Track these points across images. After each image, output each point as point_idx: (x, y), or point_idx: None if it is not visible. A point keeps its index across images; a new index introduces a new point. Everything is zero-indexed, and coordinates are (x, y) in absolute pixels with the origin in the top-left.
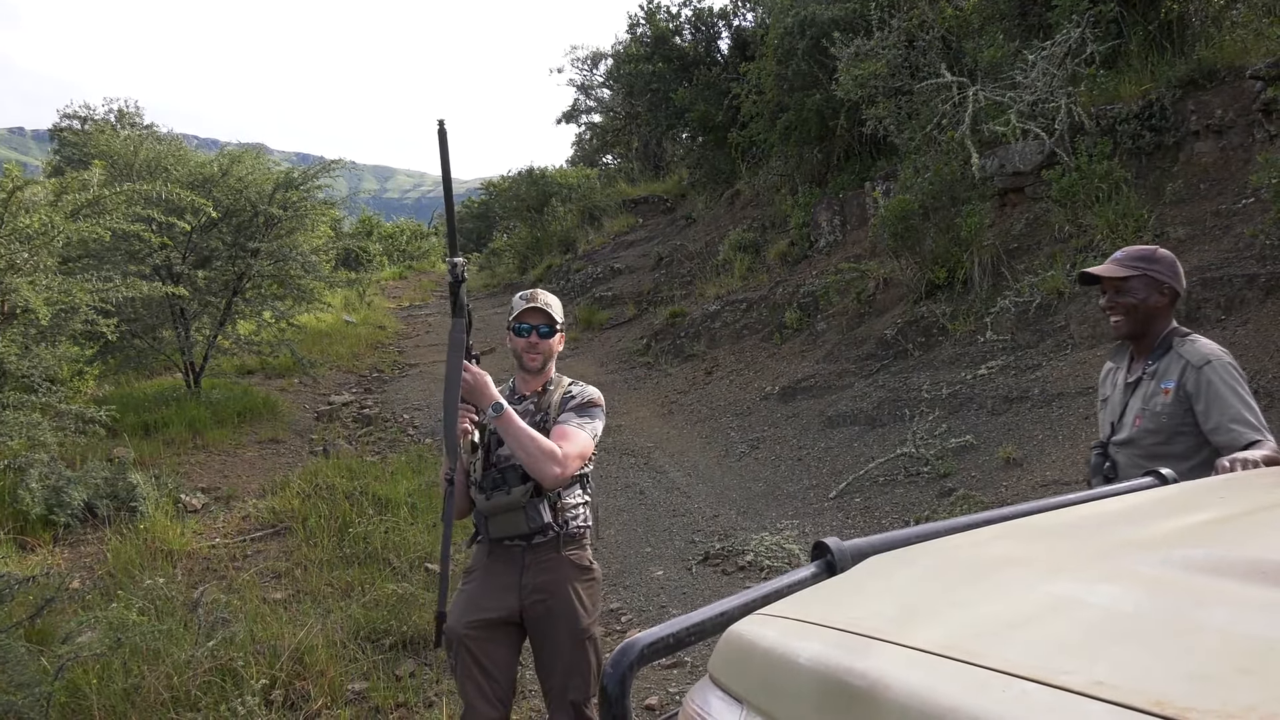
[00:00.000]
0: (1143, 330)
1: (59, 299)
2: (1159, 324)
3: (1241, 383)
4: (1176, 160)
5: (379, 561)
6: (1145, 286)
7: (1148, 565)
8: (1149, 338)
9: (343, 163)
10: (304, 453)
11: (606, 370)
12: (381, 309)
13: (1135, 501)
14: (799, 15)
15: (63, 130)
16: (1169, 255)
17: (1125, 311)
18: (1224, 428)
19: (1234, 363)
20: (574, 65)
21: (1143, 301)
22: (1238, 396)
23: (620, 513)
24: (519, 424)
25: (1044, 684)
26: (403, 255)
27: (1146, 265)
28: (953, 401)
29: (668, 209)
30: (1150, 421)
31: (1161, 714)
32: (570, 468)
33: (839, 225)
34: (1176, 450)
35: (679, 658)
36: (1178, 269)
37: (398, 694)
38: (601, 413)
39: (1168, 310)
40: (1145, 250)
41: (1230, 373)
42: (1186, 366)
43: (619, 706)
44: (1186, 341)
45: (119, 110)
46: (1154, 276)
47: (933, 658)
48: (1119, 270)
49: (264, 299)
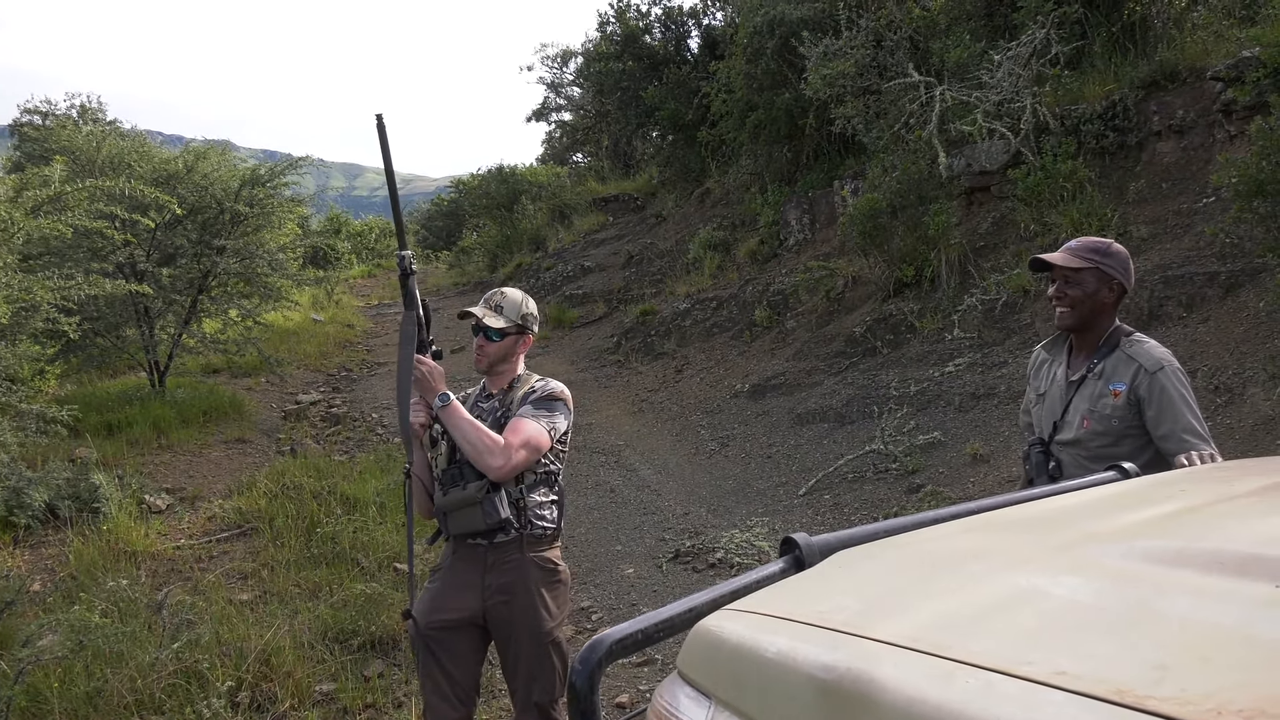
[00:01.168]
0: (1088, 324)
1: (19, 297)
2: (1104, 320)
3: (1190, 390)
4: (1139, 160)
5: (347, 561)
6: (1096, 279)
7: (1110, 557)
8: (1093, 333)
9: (310, 160)
10: (271, 452)
11: (577, 368)
12: (350, 307)
13: (1098, 495)
14: (768, 14)
15: (23, 125)
16: (1122, 250)
17: (1073, 303)
18: (1175, 436)
19: (1181, 368)
20: (544, 63)
21: (1092, 295)
22: (1188, 406)
23: (590, 511)
24: (462, 415)
25: (1008, 674)
26: (371, 253)
27: (1100, 258)
28: (921, 399)
29: (638, 207)
30: (1099, 424)
31: (1122, 702)
32: (514, 459)
33: (808, 224)
34: (1122, 452)
35: (649, 655)
36: (1129, 266)
37: (366, 695)
38: (564, 407)
39: (1114, 306)
40: (1099, 243)
41: (1182, 380)
42: (1140, 370)
43: (587, 703)
44: (1134, 343)
45: (81, 105)
46: (1105, 270)
47: (899, 650)
48: (1071, 260)
49: (230, 297)
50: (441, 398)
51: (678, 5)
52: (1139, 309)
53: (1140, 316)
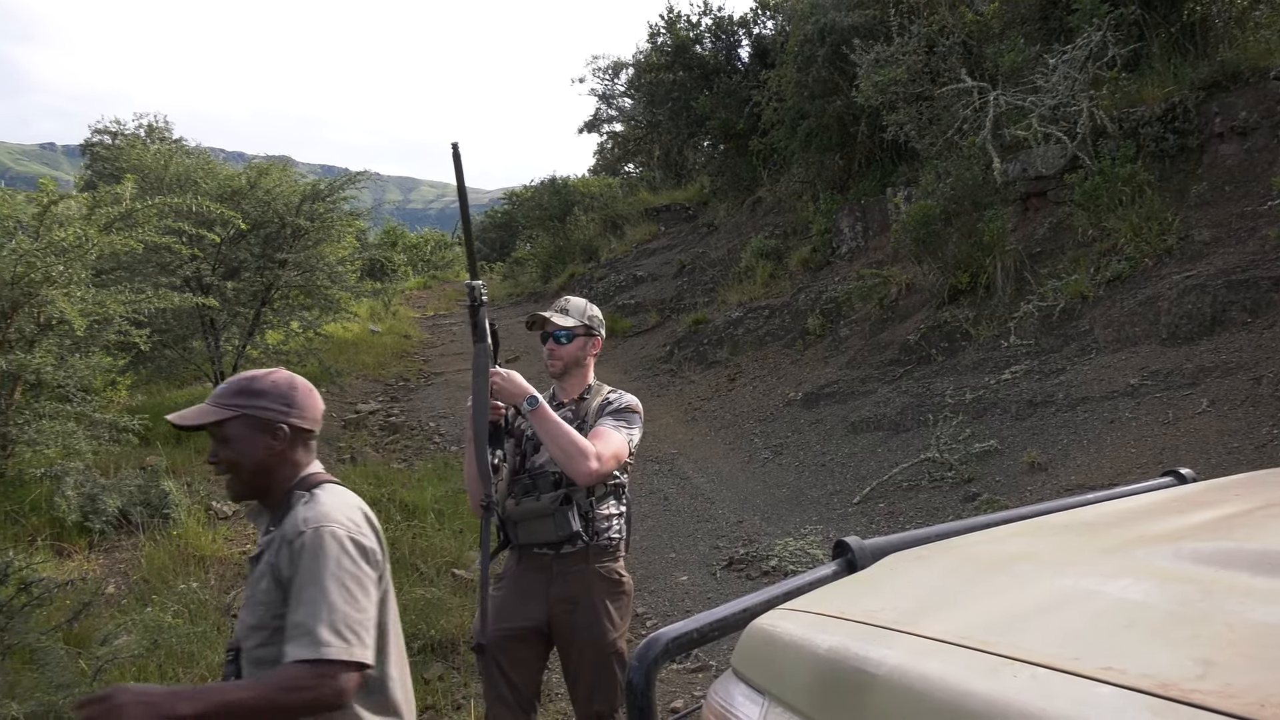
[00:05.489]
0: (260, 488)
1: (93, 310)
2: (282, 474)
3: (354, 562)
4: (1200, 163)
5: (406, 567)
6: (249, 430)
7: (1159, 558)
8: (273, 495)
9: (367, 174)
10: (332, 460)
11: (630, 378)
12: (406, 318)
13: (1150, 500)
14: (819, 22)
15: (94, 145)
16: (285, 380)
17: (229, 467)
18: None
19: (351, 530)
20: (595, 75)
21: (245, 453)
22: (336, 588)
23: (645, 519)
24: (554, 418)
25: (1055, 669)
26: (427, 265)
27: (246, 402)
28: (976, 406)
29: (689, 217)
30: (250, 614)
31: (1167, 695)
32: (605, 467)
33: (861, 231)
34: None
35: (703, 661)
36: (296, 395)
37: (426, 697)
38: (639, 420)
39: (289, 455)
40: (245, 379)
41: (343, 547)
42: (282, 539)
43: (644, 699)
44: (308, 499)
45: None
46: (256, 415)
47: (946, 646)
48: (214, 412)
49: (292, 309)
50: (530, 400)
51: (728, 15)
52: (1202, 315)
53: (1203, 323)
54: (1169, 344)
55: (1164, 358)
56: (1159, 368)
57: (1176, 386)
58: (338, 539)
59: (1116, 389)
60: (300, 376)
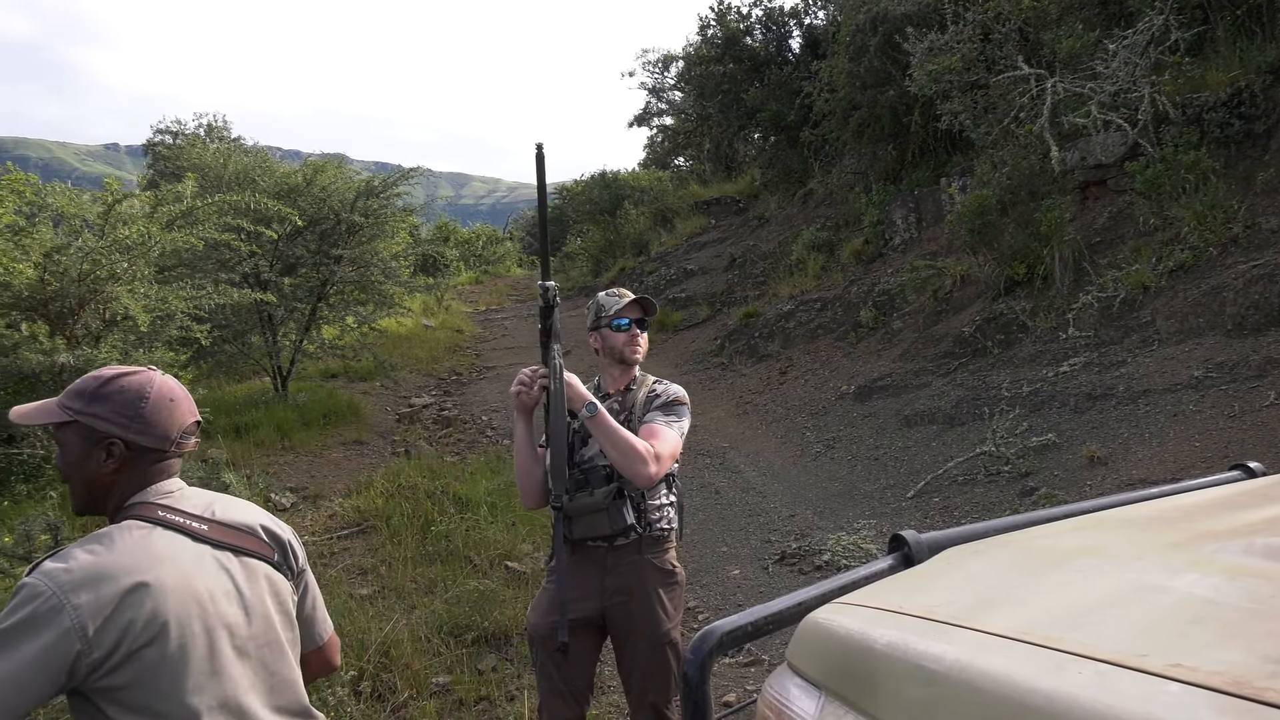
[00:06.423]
0: (97, 504)
1: (156, 306)
2: (114, 496)
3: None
4: (1268, 149)
5: (460, 559)
6: (79, 440)
7: (1228, 553)
8: (111, 516)
9: (420, 171)
10: (386, 453)
11: (681, 371)
12: (459, 313)
13: (1218, 494)
14: (871, 12)
15: (156, 145)
16: (137, 386)
17: (63, 477)
18: None
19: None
20: (645, 68)
21: (71, 465)
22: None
23: (696, 512)
24: (613, 425)
25: (1121, 666)
26: (479, 260)
27: (82, 407)
28: (1034, 399)
29: (740, 209)
30: None
31: (1239, 693)
32: (664, 468)
33: (914, 222)
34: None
35: (756, 655)
36: (144, 407)
37: (480, 687)
38: (687, 411)
39: (123, 474)
40: (94, 379)
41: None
42: None
43: (699, 692)
44: (94, 537)
45: (208, 124)
46: (89, 425)
47: (1009, 642)
48: (53, 413)
49: (347, 304)
50: (589, 407)
51: (778, 6)
52: (1269, 305)
53: (1271, 313)
54: (1234, 335)
55: (1229, 349)
56: (1224, 359)
57: (1242, 379)
58: (23, 600)
59: (1180, 381)
60: (170, 381)
